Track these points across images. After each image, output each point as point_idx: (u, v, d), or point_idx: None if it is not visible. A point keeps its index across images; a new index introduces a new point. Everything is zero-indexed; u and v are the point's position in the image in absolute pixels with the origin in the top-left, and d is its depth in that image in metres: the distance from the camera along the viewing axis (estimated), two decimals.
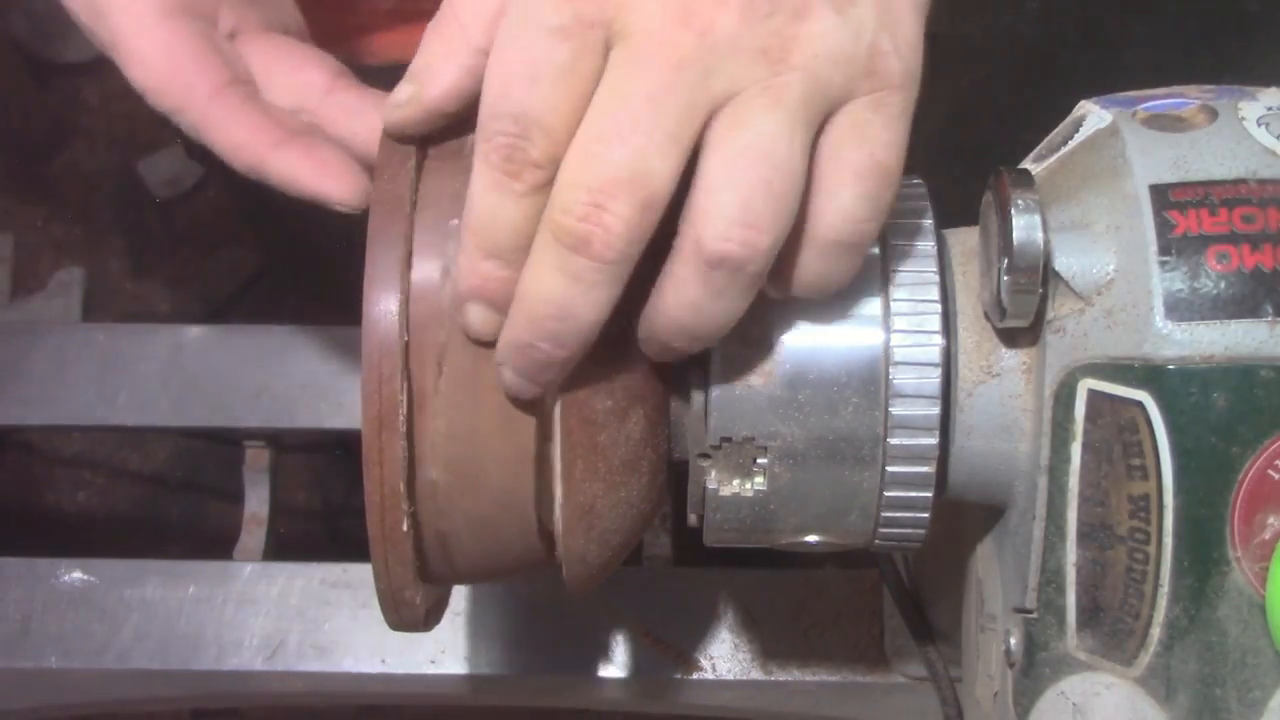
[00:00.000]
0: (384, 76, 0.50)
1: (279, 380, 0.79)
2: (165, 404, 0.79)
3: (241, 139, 0.53)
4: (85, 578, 0.74)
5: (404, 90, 0.47)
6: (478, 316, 0.45)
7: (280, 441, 0.82)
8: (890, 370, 0.47)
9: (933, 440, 0.47)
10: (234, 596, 0.74)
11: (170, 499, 1.58)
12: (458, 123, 0.47)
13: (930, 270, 0.48)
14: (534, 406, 0.47)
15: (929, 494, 0.48)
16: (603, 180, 0.41)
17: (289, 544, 0.82)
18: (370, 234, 0.47)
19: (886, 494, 0.48)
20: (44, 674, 0.73)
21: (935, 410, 0.47)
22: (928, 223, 0.49)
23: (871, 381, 0.47)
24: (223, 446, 0.83)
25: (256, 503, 0.81)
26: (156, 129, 0.89)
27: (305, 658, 0.73)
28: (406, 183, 0.47)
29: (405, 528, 0.47)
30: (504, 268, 0.44)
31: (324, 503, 1.41)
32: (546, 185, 0.42)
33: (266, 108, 0.54)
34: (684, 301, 0.43)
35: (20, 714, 0.76)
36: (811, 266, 0.44)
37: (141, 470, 1.58)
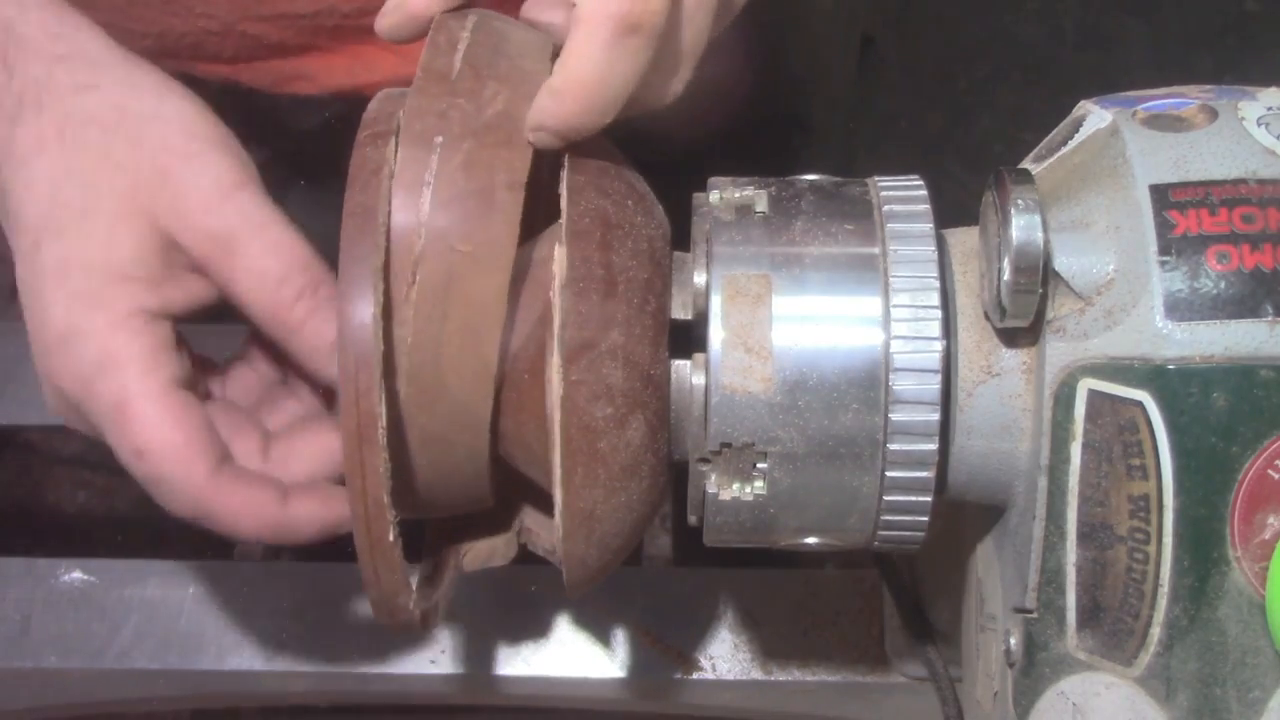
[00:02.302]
0: (332, 106, 0.51)
1: None
2: None
3: (246, 514, 0.52)
4: (85, 578, 0.74)
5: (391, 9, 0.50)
6: (550, 143, 0.48)
7: None
8: (890, 376, 0.47)
9: (932, 445, 0.47)
10: (234, 596, 0.74)
11: None
12: (451, 47, 0.49)
13: (930, 275, 0.48)
14: (498, 320, 0.47)
15: (928, 498, 0.48)
16: None
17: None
18: (343, 247, 0.46)
19: (886, 498, 0.48)
20: (44, 674, 0.73)
21: (935, 416, 0.47)
22: (928, 225, 0.49)
23: (871, 387, 0.47)
24: None
25: None
26: None
27: (305, 658, 0.73)
28: (377, 194, 0.47)
29: (391, 537, 0.47)
30: (604, 118, 0.47)
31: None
32: (661, 32, 0.46)
33: (250, 473, 0.53)
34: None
35: (20, 714, 0.76)
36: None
37: None
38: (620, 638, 0.74)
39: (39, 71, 0.52)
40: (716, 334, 0.47)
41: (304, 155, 0.84)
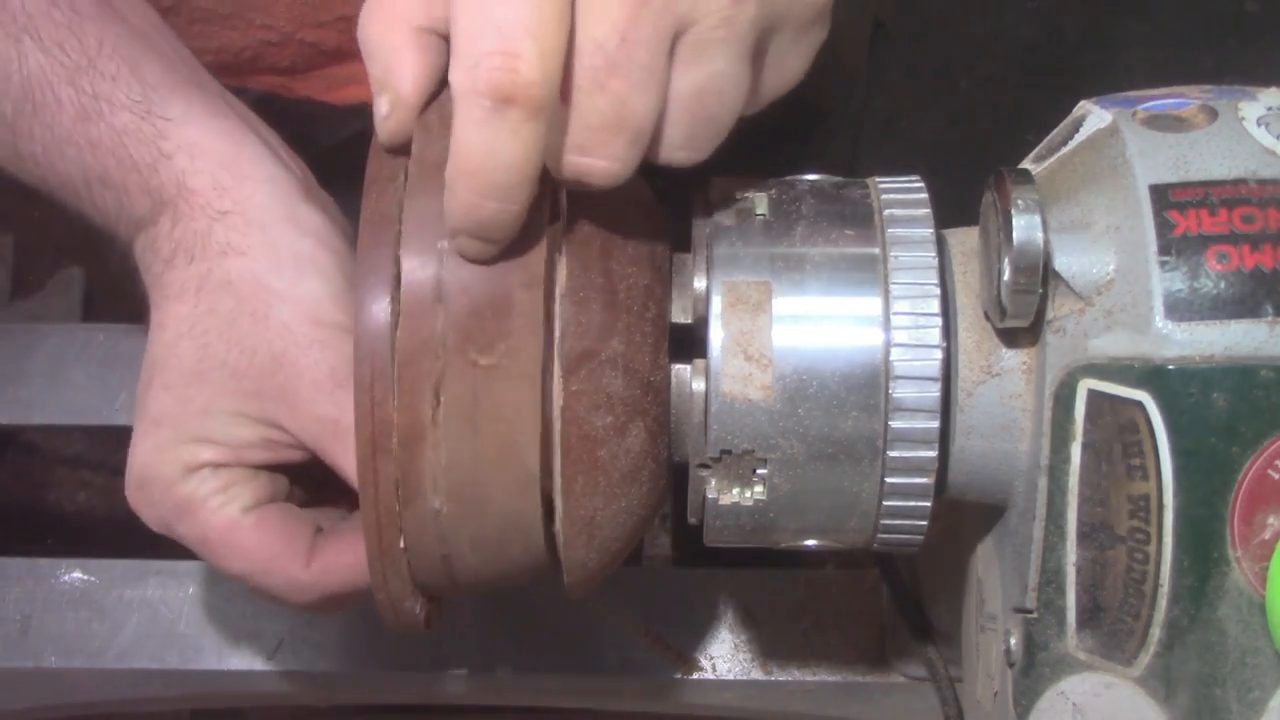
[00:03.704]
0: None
1: None
2: None
3: (350, 570, 0.54)
4: (85, 578, 0.74)
5: (381, 102, 0.46)
6: (473, 248, 0.45)
7: None
8: (890, 384, 0.47)
9: (932, 452, 0.47)
10: (234, 596, 0.74)
11: None
12: (444, 126, 0.46)
13: (930, 282, 0.47)
14: (535, 429, 0.46)
15: (928, 502, 0.48)
16: (592, 125, 0.42)
17: None
18: (359, 254, 0.46)
19: (886, 503, 0.48)
20: (44, 674, 0.73)
21: (935, 424, 0.47)
22: (928, 227, 0.48)
23: (871, 394, 0.47)
24: None
25: None
26: None
27: (305, 658, 0.73)
28: (394, 200, 0.46)
29: (402, 545, 0.47)
30: (507, 204, 0.43)
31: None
32: (544, 110, 0.41)
33: (341, 543, 0.55)
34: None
35: (20, 714, 0.76)
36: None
37: None
38: (620, 638, 0.74)
39: (200, 226, 0.54)
40: (717, 341, 0.47)
41: (344, 161, 0.84)
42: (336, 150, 0.84)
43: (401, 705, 0.86)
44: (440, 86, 0.46)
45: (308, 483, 0.57)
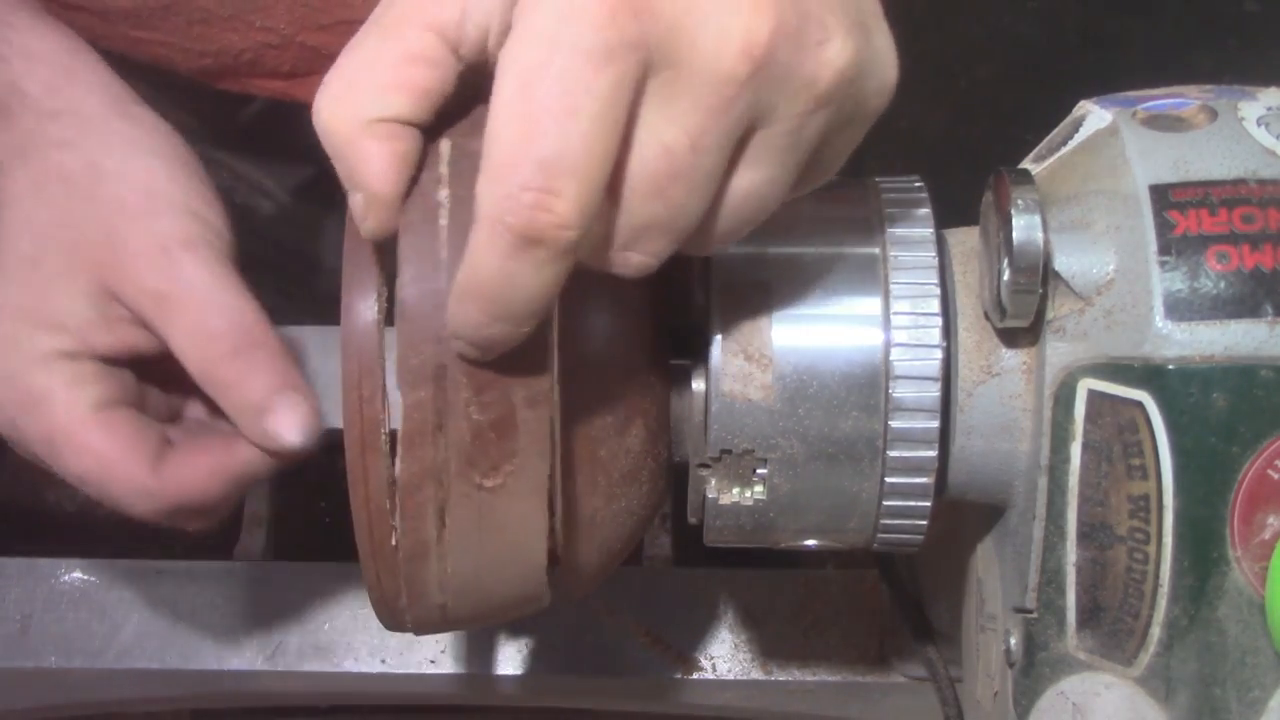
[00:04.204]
0: None
1: None
2: None
3: (199, 480, 0.53)
4: (85, 578, 0.74)
5: (355, 201, 0.42)
6: (471, 354, 0.42)
7: None
8: (890, 383, 0.47)
9: (932, 452, 0.47)
10: (234, 596, 0.74)
11: None
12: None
13: (930, 282, 0.47)
14: (542, 531, 0.45)
15: (928, 502, 0.48)
16: (640, 226, 0.39)
17: (289, 544, 0.81)
18: (345, 253, 0.45)
19: (886, 502, 0.48)
20: (44, 674, 0.73)
21: (935, 424, 0.47)
22: (928, 227, 0.48)
23: (871, 394, 0.47)
24: None
25: (256, 503, 0.81)
26: None
27: (305, 658, 0.73)
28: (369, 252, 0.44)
29: (393, 542, 0.47)
30: (517, 329, 0.40)
31: (324, 503, 1.41)
32: (575, 249, 0.38)
33: (189, 447, 0.54)
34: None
35: (20, 714, 0.76)
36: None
37: None
38: (620, 638, 0.74)
39: (31, 126, 0.54)
40: (716, 342, 0.47)
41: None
42: None
43: (401, 705, 0.86)
44: (415, 170, 0.42)
45: (162, 386, 0.57)
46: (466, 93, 0.42)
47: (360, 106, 0.40)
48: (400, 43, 0.40)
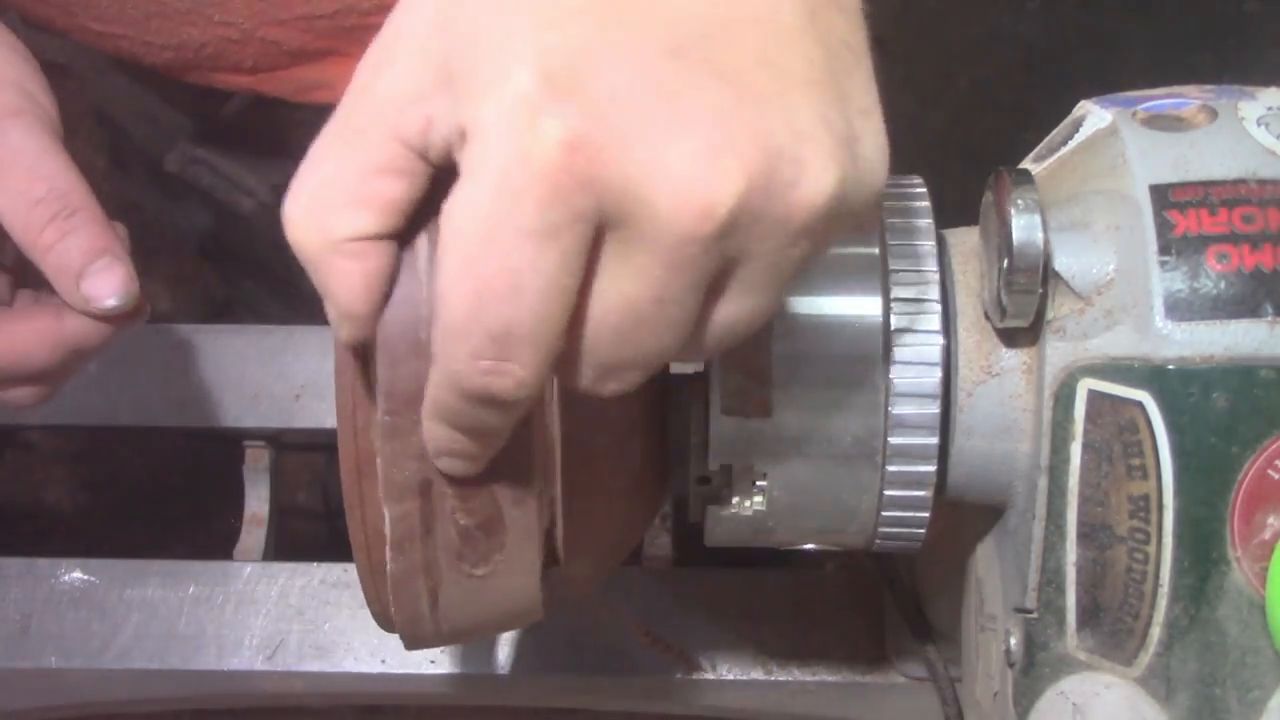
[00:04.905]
0: None
1: (279, 380, 0.79)
2: (165, 404, 0.79)
3: (28, 345, 0.55)
4: (85, 578, 0.74)
5: (329, 312, 0.41)
6: (456, 468, 0.42)
7: (280, 441, 0.82)
8: (890, 384, 0.47)
9: (933, 439, 0.47)
10: (234, 596, 0.74)
11: (170, 499, 1.57)
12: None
13: (930, 269, 0.47)
14: (536, 597, 0.45)
15: (928, 504, 0.48)
16: (609, 366, 0.38)
17: (289, 544, 0.81)
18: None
19: (887, 493, 0.48)
20: (44, 674, 0.73)
21: (935, 409, 0.47)
22: (927, 223, 0.48)
23: (872, 397, 0.47)
24: (223, 446, 0.83)
25: (256, 503, 0.81)
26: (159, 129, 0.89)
27: (305, 658, 0.73)
28: None
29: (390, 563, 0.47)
30: (489, 445, 0.40)
31: (324, 503, 1.41)
32: (528, 399, 0.37)
33: (27, 308, 0.57)
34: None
35: (20, 714, 0.76)
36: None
37: (141, 470, 1.58)
38: (620, 638, 0.74)
39: None
40: (715, 359, 0.47)
41: None
42: None
43: (401, 705, 0.86)
44: (391, 278, 0.40)
45: None
46: (443, 178, 0.39)
47: (329, 225, 0.38)
48: (365, 154, 0.38)
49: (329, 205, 0.38)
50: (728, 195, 0.34)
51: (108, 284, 0.53)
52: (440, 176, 0.38)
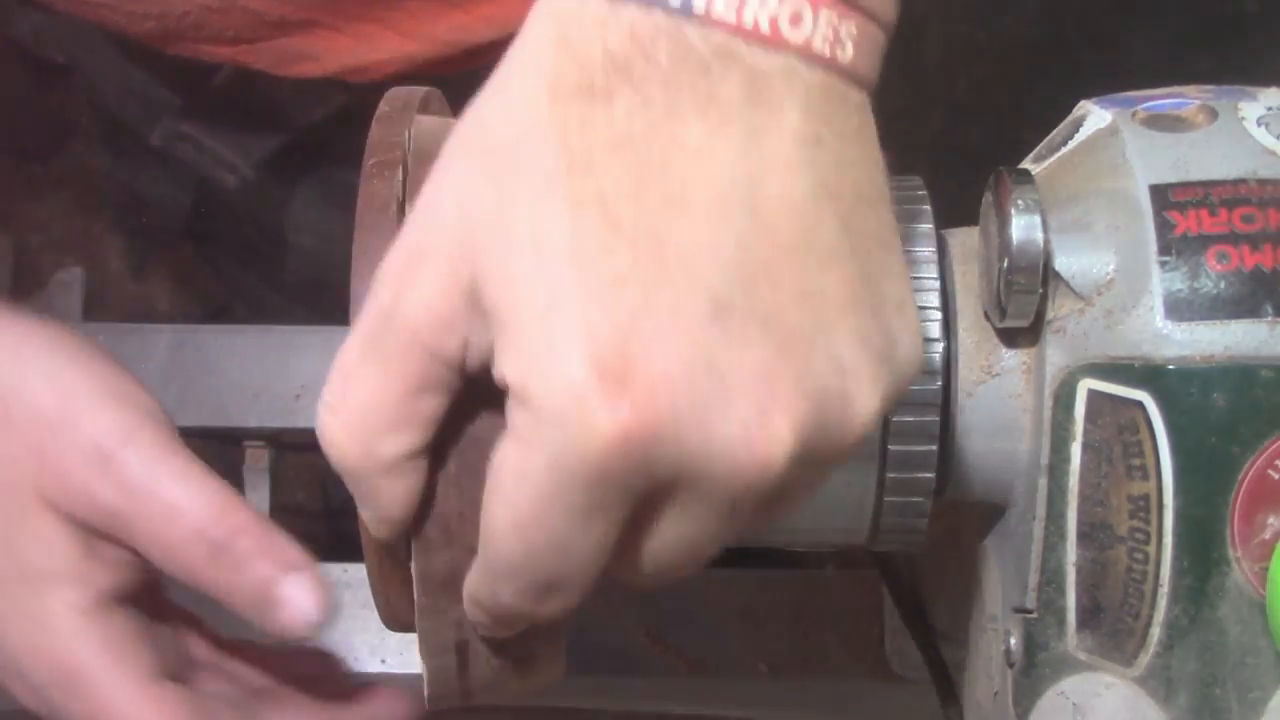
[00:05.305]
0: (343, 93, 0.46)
1: (279, 380, 0.78)
2: (165, 404, 0.78)
3: None
4: None
5: (365, 515, 0.41)
6: (497, 631, 0.43)
7: (280, 441, 0.82)
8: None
9: (932, 447, 0.47)
10: None
11: None
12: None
13: (930, 276, 0.47)
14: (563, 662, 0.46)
15: (928, 500, 0.48)
16: (653, 583, 0.39)
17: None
18: (353, 297, 0.43)
19: (886, 505, 0.48)
20: None
21: (935, 417, 0.47)
22: (927, 225, 0.48)
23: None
24: (223, 446, 0.83)
25: (256, 503, 0.80)
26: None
27: None
28: (388, 235, 0.43)
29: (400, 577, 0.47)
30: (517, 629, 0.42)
31: (324, 503, 1.40)
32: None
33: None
34: None
35: (20, 714, 0.76)
36: None
37: None
38: (620, 638, 0.73)
39: None
40: None
41: (314, 143, 0.84)
42: (307, 132, 0.85)
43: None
44: (426, 494, 0.41)
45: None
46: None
47: (373, 447, 0.38)
48: (406, 377, 0.38)
49: (372, 428, 0.38)
50: (781, 451, 0.35)
51: (305, 606, 0.47)
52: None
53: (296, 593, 0.47)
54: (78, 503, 0.47)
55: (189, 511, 0.47)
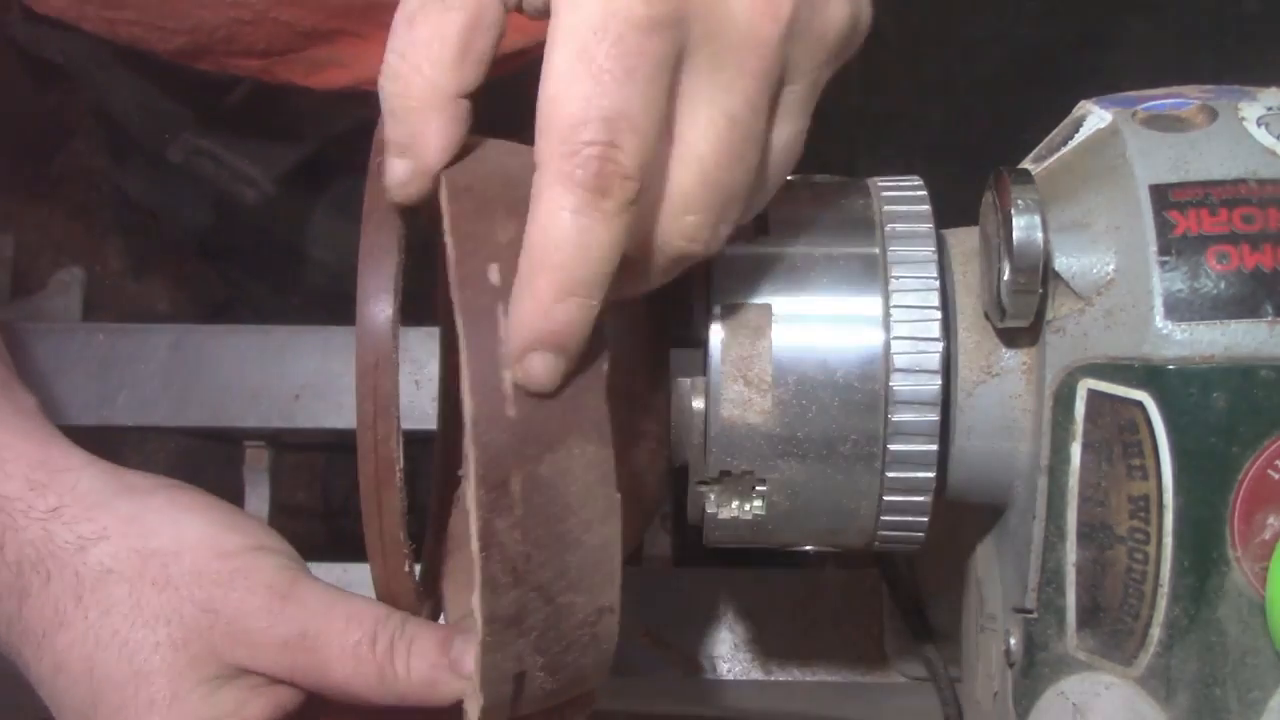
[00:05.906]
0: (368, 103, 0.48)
1: (279, 380, 0.79)
2: (165, 404, 0.79)
3: None
4: None
5: (399, 167, 0.43)
6: (544, 366, 0.40)
7: (280, 441, 0.82)
8: (890, 382, 0.47)
9: (932, 446, 0.47)
10: None
11: None
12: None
13: (930, 275, 0.47)
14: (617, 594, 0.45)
15: (928, 499, 0.48)
16: (701, 213, 0.41)
17: (289, 544, 0.81)
18: (359, 302, 0.44)
19: (886, 498, 0.48)
20: None
21: (935, 417, 0.47)
22: (927, 225, 0.48)
23: (872, 397, 0.47)
24: (223, 446, 0.83)
25: (256, 503, 0.81)
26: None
27: None
28: (393, 234, 0.45)
29: (407, 569, 0.47)
30: (586, 306, 0.40)
31: (324, 503, 1.41)
32: (636, 202, 0.39)
33: None
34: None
35: (20, 714, 0.76)
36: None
37: (141, 470, 1.58)
38: (620, 638, 0.74)
39: (35, 534, 0.48)
40: (715, 366, 0.47)
41: (333, 157, 0.84)
42: (327, 146, 0.85)
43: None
44: (488, 535, 0.41)
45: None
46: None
47: (436, 77, 0.41)
48: (466, 6, 0.41)
49: (437, 59, 0.41)
50: (784, 13, 0.40)
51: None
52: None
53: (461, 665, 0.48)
54: (259, 647, 0.48)
55: (363, 610, 0.48)
